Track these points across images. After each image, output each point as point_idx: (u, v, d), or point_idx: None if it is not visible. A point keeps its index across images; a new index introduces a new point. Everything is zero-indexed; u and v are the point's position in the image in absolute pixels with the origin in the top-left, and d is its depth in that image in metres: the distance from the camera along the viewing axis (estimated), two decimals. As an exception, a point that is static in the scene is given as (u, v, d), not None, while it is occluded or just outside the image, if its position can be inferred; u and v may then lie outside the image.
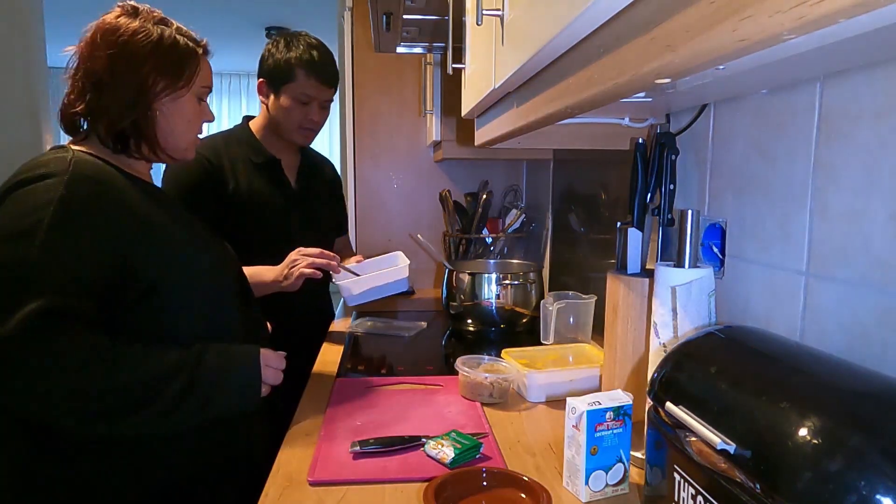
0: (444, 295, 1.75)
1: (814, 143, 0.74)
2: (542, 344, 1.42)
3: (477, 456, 0.92)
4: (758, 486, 0.51)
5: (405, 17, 1.67)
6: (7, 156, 2.87)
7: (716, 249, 0.95)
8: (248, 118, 1.65)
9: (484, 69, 1.04)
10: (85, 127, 1.00)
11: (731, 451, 0.54)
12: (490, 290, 1.65)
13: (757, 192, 0.85)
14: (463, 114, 1.33)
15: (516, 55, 0.82)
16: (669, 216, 0.98)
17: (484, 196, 2.18)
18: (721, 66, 0.56)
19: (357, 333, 1.69)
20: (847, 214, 0.69)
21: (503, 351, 1.28)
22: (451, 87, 1.94)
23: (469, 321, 1.70)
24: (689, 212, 0.85)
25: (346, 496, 0.83)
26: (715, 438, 0.56)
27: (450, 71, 1.27)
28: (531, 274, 1.69)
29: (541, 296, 1.66)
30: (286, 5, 4.14)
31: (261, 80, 1.57)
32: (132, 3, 1.01)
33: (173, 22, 1.03)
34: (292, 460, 0.93)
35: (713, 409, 0.60)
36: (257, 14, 4.37)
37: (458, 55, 1.28)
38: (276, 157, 1.58)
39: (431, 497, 0.77)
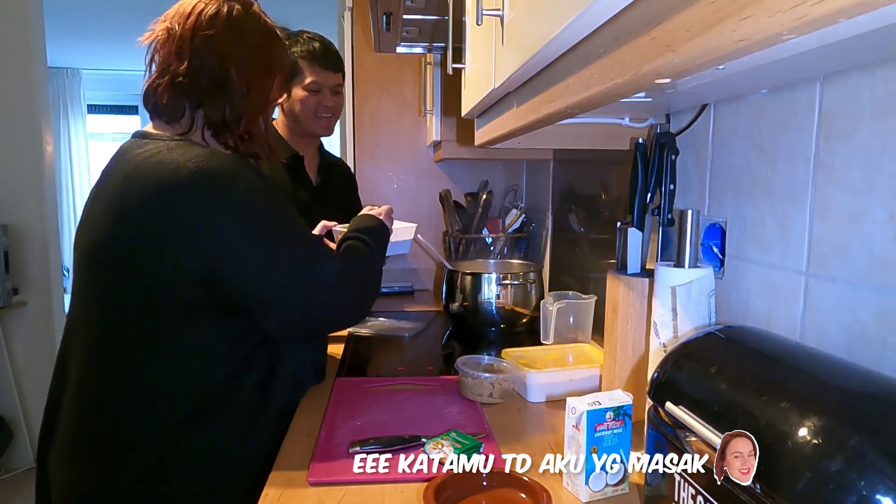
0: (444, 295, 1.75)
1: (814, 143, 0.74)
2: (542, 344, 1.42)
3: (477, 456, 0.92)
4: (758, 486, 0.51)
5: (405, 17, 1.67)
6: (7, 156, 2.88)
7: (716, 249, 0.95)
8: None
9: (484, 69, 1.04)
10: (181, 114, 0.95)
11: (731, 451, 0.54)
12: (490, 290, 1.65)
13: (757, 192, 0.85)
14: (463, 114, 1.33)
15: (516, 55, 0.82)
16: (669, 216, 0.98)
17: (484, 196, 2.18)
18: (721, 66, 0.56)
19: (357, 333, 1.69)
20: (847, 214, 0.69)
21: (503, 351, 1.28)
22: (451, 87, 1.94)
23: (469, 321, 1.70)
24: (689, 212, 0.85)
25: (346, 496, 0.83)
26: (715, 438, 0.56)
27: (450, 71, 1.27)
28: (531, 274, 1.69)
29: (541, 296, 1.66)
30: (286, 5, 4.14)
31: None
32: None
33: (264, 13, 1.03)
34: (292, 460, 0.93)
35: (713, 409, 0.60)
36: (257, 14, 4.36)
37: (458, 55, 1.28)
38: (300, 154, 1.62)
39: (431, 497, 0.77)
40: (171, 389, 0.91)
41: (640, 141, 1.00)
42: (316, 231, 1.36)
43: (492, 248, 2.14)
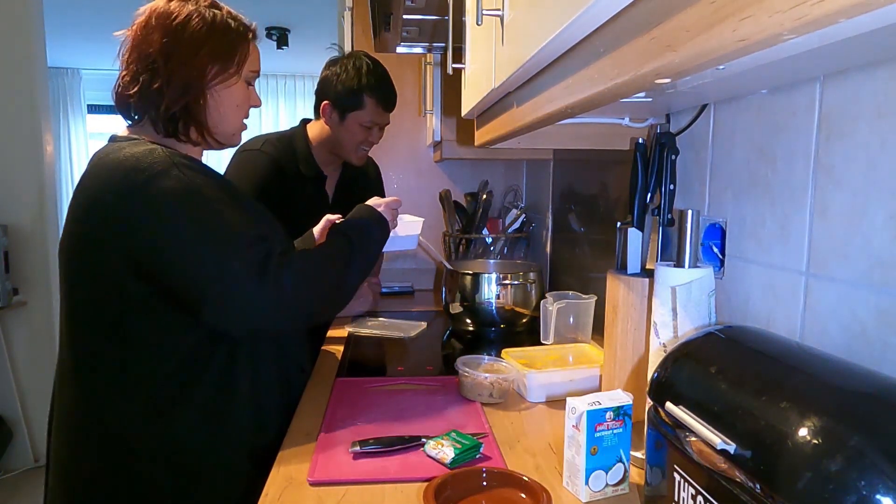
0: (444, 295, 1.75)
1: (814, 143, 0.74)
2: (542, 344, 1.42)
3: (477, 456, 0.92)
4: (758, 486, 0.51)
5: (405, 17, 1.67)
6: (7, 156, 2.88)
7: (716, 249, 0.95)
8: (305, 121, 1.68)
9: (484, 69, 1.04)
10: (134, 111, 1.00)
11: (731, 451, 0.54)
12: (490, 290, 1.65)
13: (757, 192, 0.85)
14: (463, 114, 1.33)
15: (516, 55, 0.82)
16: (669, 216, 0.98)
17: (484, 196, 2.18)
18: (721, 66, 0.56)
19: (357, 334, 1.69)
20: (847, 214, 0.69)
21: (503, 351, 1.28)
22: (451, 87, 1.94)
23: (469, 321, 1.70)
24: (689, 212, 0.85)
25: (346, 496, 0.83)
26: (715, 438, 0.56)
27: (450, 71, 1.27)
28: (531, 274, 1.69)
29: (541, 296, 1.66)
30: (286, 5, 4.14)
31: (326, 102, 1.59)
32: None
33: (224, 5, 1.03)
34: (292, 460, 0.93)
35: (713, 409, 0.60)
36: (257, 14, 4.35)
37: (458, 55, 1.28)
38: (324, 174, 1.63)
39: (431, 497, 0.77)
40: (129, 382, 0.96)
41: (640, 141, 1.00)
42: (319, 226, 1.36)
43: (492, 248, 2.14)
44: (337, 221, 1.29)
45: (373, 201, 1.20)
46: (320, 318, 1.13)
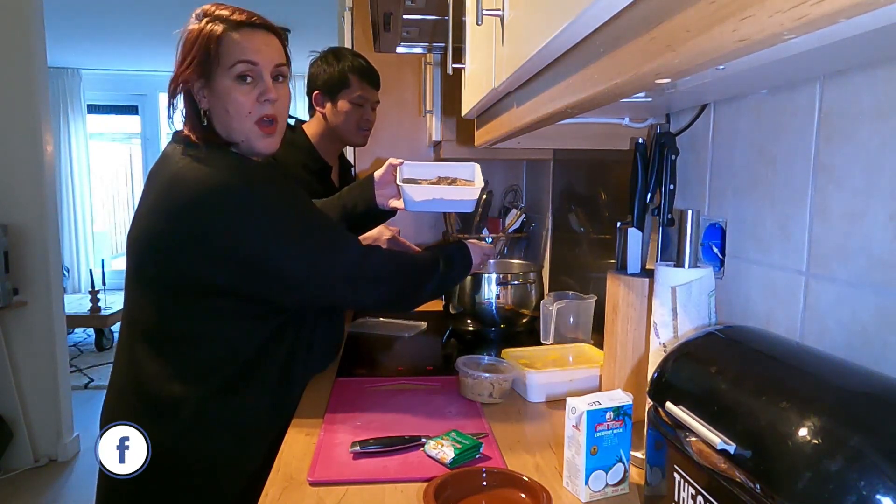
0: (444, 295, 1.75)
1: (814, 143, 0.74)
2: (542, 344, 1.42)
3: (477, 456, 0.92)
4: (758, 486, 0.51)
5: (405, 17, 1.67)
6: (7, 156, 2.88)
7: (716, 249, 0.95)
8: (299, 122, 1.76)
9: (484, 69, 1.04)
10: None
11: (731, 451, 0.54)
12: (490, 290, 1.65)
13: (757, 192, 0.85)
14: (463, 114, 1.33)
15: (516, 55, 0.82)
16: (669, 216, 0.98)
17: (484, 196, 2.18)
18: (721, 66, 0.56)
19: (357, 333, 1.69)
20: (847, 214, 0.69)
21: (503, 351, 1.28)
22: (451, 87, 1.94)
23: (469, 321, 1.70)
24: (689, 212, 0.85)
25: (346, 496, 0.83)
26: (715, 438, 0.56)
27: (450, 71, 1.27)
28: (531, 274, 1.69)
29: (541, 296, 1.66)
30: (286, 5, 4.14)
31: (316, 91, 1.71)
32: (204, 6, 1.04)
33: (229, 10, 1.03)
34: (292, 460, 0.93)
35: (713, 409, 0.60)
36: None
37: (458, 55, 1.28)
38: (329, 165, 1.72)
39: (431, 497, 0.77)
40: (206, 361, 1.04)
41: (640, 141, 1.00)
42: (381, 170, 1.38)
43: (492, 248, 2.14)
44: (398, 163, 1.31)
45: (472, 242, 1.32)
46: (390, 307, 1.30)
